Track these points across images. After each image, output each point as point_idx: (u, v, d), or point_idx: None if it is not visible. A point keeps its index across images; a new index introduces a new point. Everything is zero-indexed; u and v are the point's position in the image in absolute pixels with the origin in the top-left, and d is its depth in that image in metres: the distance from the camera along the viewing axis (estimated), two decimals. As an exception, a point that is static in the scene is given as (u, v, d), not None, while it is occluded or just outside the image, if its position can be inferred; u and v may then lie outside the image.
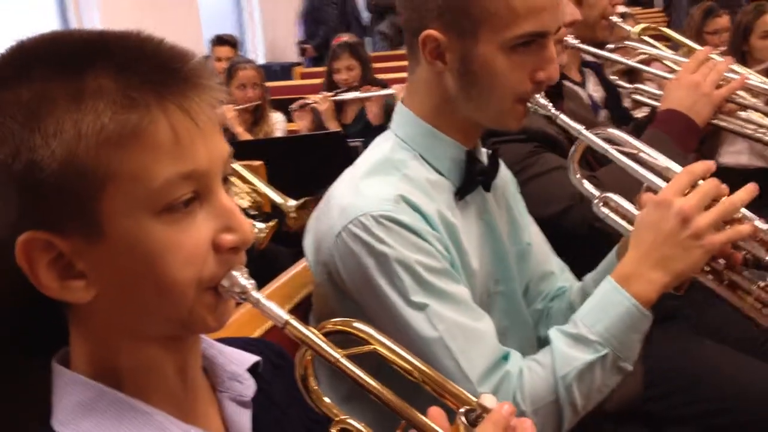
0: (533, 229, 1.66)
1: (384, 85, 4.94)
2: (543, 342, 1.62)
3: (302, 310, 1.60)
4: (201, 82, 0.79)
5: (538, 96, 1.41)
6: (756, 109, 1.81)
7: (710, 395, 1.79)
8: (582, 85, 2.22)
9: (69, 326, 0.86)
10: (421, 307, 1.30)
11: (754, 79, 1.83)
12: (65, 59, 0.77)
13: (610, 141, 1.45)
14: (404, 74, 5.16)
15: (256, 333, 1.42)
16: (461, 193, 1.45)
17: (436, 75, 1.41)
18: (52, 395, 0.83)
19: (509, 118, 1.42)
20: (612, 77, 2.13)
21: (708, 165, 1.32)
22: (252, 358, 0.98)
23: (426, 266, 1.31)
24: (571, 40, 1.90)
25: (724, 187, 1.30)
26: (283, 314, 0.85)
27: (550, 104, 1.43)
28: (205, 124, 0.80)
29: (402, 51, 8.38)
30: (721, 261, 1.34)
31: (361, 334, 0.89)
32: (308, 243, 1.47)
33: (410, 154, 1.43)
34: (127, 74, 0.76)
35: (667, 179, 1.36)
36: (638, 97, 1.95)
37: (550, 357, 1.33)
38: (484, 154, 1.54)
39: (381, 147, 1.47)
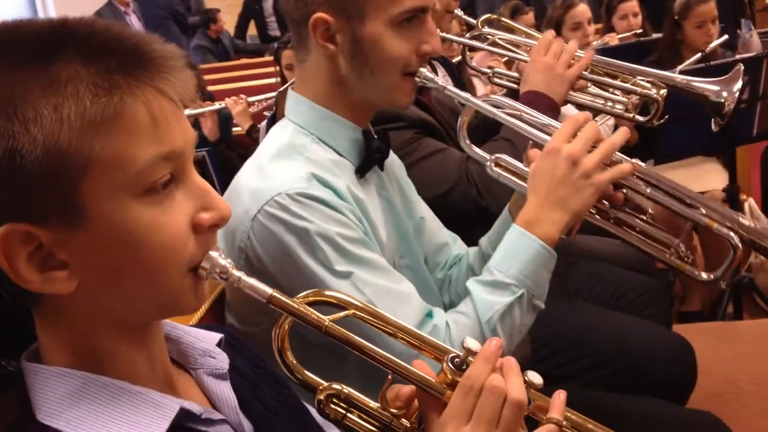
0: (423, 206, 1.75)
1: (212, 97, 4.90)
2: (449, 308, 1.72)
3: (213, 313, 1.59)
4: (174, 64, 0.80)
5: (423, 70, 1.49)
6: (605, 84, 1.98)
7: (590, 350, 1.95)
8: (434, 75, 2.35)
9: (36, 321, 0.84)
10: (346, 276, 1.35)
11: (598, 57, 2.00)
12: (33, 47, 0.76)
13: (495, 106, 1.56)
14: (228, 86, 5.12)
15: (191, 322, 1.41)
16: (361, 171, 1.51)
17: (328, 58, 1.46)
18: (31, 393, 0.81)
19: (399, 94, 1.50)
20: (472, 64, 2.27)
21: (587, 114, 1.46)
22: (217, 335, 0.99)
23: (345, 237, 1.36)
24: (431, 29, 2.00)
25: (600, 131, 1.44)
26: (267, 288, 0.87)
27: (436, 77, 1.52)
28: (181, 104, 0.81)
29: (224, 63, 8.38)
30: (606, 202, 1.49)
31: (334, 300, 0.93)
32: (219, 233, 1.46)
33: (309, 138, 1.48)
34: (101, 58, 0.76)
35: (548, 134, 1.48)
36: (497, 80, 2.08)
37: (472, 306, 1.41)
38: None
39: (280, 134, 1.51)
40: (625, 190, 1.48)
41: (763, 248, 1.42)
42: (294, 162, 1.42)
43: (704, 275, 1.48)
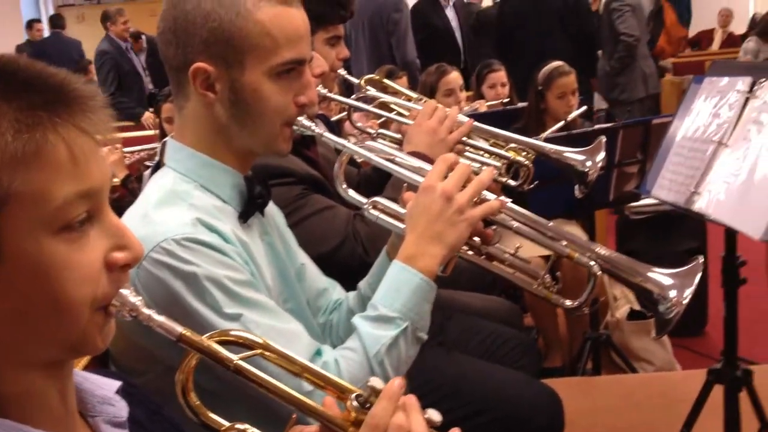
0: (302, 253, 1.79)
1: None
2: None
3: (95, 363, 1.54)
4: (95, 104, 0.82)
5: (301, 118, 1.55)
6: (481, 149, 2.11)
7: (469, 400, 2.01)
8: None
9: None
10: (235, 318, 1.36)
11: (477, 124, 2.13)
12: None
13: (370, 150, 1.65)
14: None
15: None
16: (244, 216, 1.54)
17: (207, 106, 1.49)
18: None
19: (279, 141, 1.54)
20: (358, 124, 2.34)
21: (456, 156, 1.57)
22: (116, 382, 0.98)
23: (233, 279, 1.38)
24: (321, 89, 2.07)
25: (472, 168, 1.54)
26: (177, 326, 0.88)
27: (313, 125, 1.58)
28: (100, 143, 0.82)
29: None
30: (477, 239, 1.59)
31: (240, 340, 0.95)
32: None
33: (192, 185, 1.49)
34: (25, 95, 0.77)
35: (422, 175, 1.57)
36: (381, 140, 2.16)
37: (359, 341, 1.45)
38: None
39: (162, 182, 1.51)
40: (494, 227, 1.58)
41: (617, 274, 1.54)
42: (178, 208, 1.43)
43: (568, 302, 1.59)
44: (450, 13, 7.26)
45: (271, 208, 1.69)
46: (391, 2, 6.53)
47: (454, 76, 4.21)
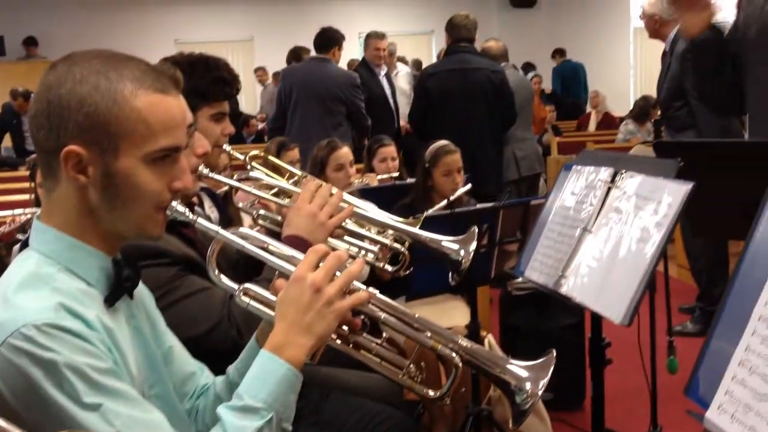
0: (171, 335, 1.77)
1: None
2: None
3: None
4: None
5: (175, 204, 1.56)
6: (360, 235, 2.17)
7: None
8: (201, 206, 2.43)
9: None
10: (95, 408, 1.33)
11: (358, 209, 2.20)
12: None
13: (243, 237, 1.67)
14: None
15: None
16: (111, 300, 1.52)
17: (78, 189, 1.47)
18: None
19: (150, 225, 1.54)
20: (239, 204, 2.36)
21: (327, 247, 1.61)
22: None
23: (95, 368, 1.35)
24: (203, 169, 2.09)
25: (345, 258, 1.59)
26: (14, 428, 0.86)
27: (187, 210, 1.60)
28: None
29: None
30: (345, 327, 1.62)
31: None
32: None
33: (56, 268, 1.47)
34: None
35: (294, 264, 1.60)
36: (261, 222, 2.20)
37: None
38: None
39: (24, 264, 1.48)
40: (362, 317, 1.62)
41: (477, 366, 1.59)
42: (40, 292, 1.40)
43: (431, 392, 1.63)
44: (383, 81, 7.52)
45: (140, 290, 1.68)
46: (347, 81, 6.69)
47: (345, 152, 4.29)
